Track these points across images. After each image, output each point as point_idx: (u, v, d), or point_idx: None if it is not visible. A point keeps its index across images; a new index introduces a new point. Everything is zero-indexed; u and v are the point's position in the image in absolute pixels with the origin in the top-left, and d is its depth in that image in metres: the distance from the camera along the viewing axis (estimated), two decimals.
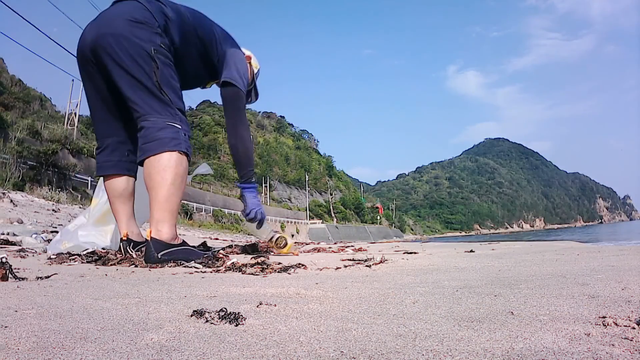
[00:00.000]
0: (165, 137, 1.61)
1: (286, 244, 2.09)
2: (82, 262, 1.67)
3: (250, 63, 2.12)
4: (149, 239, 1.58)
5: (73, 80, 23.23)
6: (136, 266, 1.58)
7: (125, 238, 1.84)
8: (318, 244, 4.26)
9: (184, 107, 1.77)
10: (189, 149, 1.69)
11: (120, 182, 1.89)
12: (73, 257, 1.74)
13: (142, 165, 1.67)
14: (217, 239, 6.96)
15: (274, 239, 2.08)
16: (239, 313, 0.70)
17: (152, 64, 1.66)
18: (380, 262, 1.71)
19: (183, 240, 1.71)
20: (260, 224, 2.05)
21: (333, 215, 62.94)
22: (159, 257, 1.56)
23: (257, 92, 2.23)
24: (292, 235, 36.14)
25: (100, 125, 1.90)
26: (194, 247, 1.84)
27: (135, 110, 1.67)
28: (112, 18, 1.71)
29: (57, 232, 2.67)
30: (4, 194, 6.18)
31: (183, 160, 1.65)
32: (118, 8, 1.76)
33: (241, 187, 2.01)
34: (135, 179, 1.96)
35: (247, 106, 2.19)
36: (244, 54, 2.10)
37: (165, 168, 1.59)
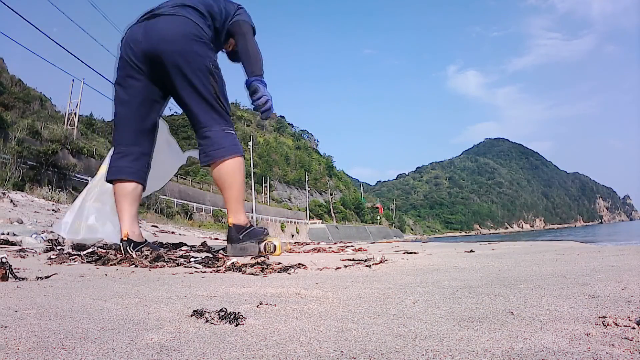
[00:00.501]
0: (229, 144, 1.89)
1: (275, 248, 2.09)
2: (82, 262, 1.67)
3: None
4: (230, 226, 1.89)
5: (73, 80, 23.20)
6: (136, 266, 1.58)
7: (125, 238, 1.86)
8: (318, 244, 4.26)
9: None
10: (242, 149, 1.98)
11: (132, 186, 1.97)
12: (73, 257, 1.74)
13: (205, 165, 1.91)
14: (217, 239, 6.96)
15: (263, 248, 2.08)
16: (239, 313, 0.70)
17: (211, 78, 1.87)
18: (380, 262, 1.71)
19: (251, 223, 1.98)
20: (267, 114, 1.99)
21: (333, 215, 62.93)
22: (240, 237, 1.87)
23: None
24: (292, 235, 36.13)
25: (127, 132, 1.99)
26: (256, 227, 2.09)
27: (199, 122, 1.89)
28: (174, 33, 1.82)
29: None
30: (4, 194, 6.18)
31: (243, 161, 1.96)
32: (174, 23, 1.85)
33: (252, 80, 1.94)
34: (144, 189, 2.05)
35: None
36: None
37: (235, 171, 1.90)
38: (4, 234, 2.31)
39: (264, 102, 1.92)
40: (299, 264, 1.57)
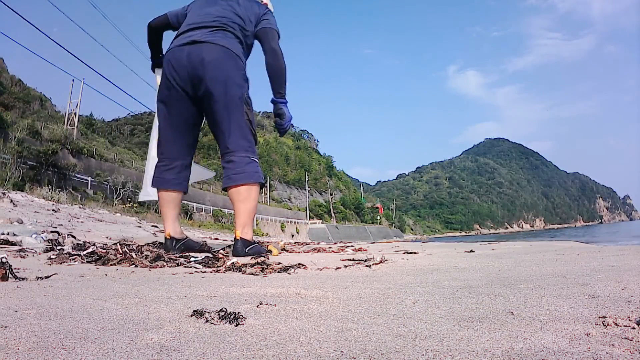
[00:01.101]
0: (251, 170, 2.02)
1: (271, 253, 2.11)
2: (82, 262, 1.67)
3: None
4: (238, 238, 1.97)
5: (73, 80, 23.19)
6: (136, 266, 1.58)
7: (169, 237, 2.10)
8: (318, 244, 4.26)
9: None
10: (262, 178, 2.11)
11: (175, 195, 2.16)
12: (73, 257, 1.74)
13: (226, 188, 2.03)
14: (217, 239, 6.96)
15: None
16: (239, 313, 0.70)
17: (245, 107, 2.05)
18: (380, 262, 1.71)
19: (254, 240, 2.09)
20: (284, 133, 2.23)
21: (333, 215, 62.89)
22: (246, 251, 1.94)
23: None
24: (292, 235, 36.12)
25: (171, 147, 2.15)
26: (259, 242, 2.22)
27: (227, 147, 2.03)
28: (217, 63, 1.97)
29: (57, 232, 2.66)
30: (4, 194, 6.18)
31: (258, 189, 2.08)
32: (217, 53, 1.98)
33: (281, 102, 2.14)
34: (186, 192, 2.24)
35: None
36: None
37: (251, 192, 2.03)
38: (4, 234, 2.31)
39: (287, 126, 2.14)
40: (299, 264, 1.57)
